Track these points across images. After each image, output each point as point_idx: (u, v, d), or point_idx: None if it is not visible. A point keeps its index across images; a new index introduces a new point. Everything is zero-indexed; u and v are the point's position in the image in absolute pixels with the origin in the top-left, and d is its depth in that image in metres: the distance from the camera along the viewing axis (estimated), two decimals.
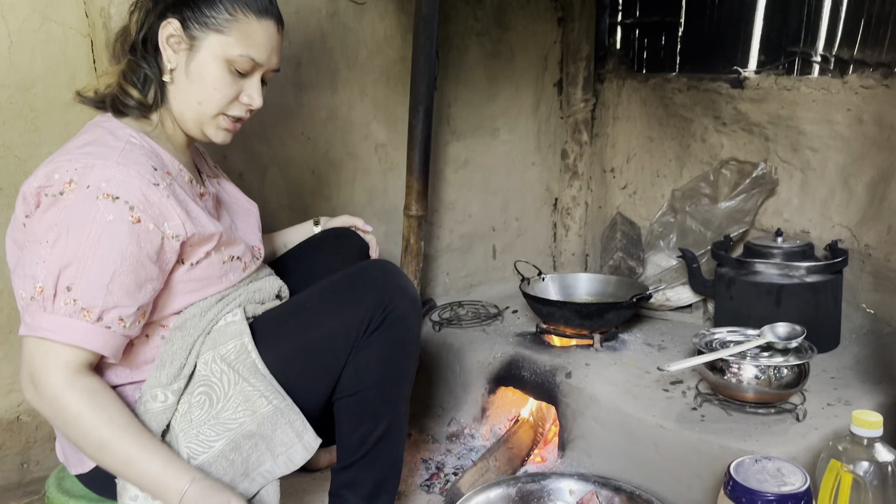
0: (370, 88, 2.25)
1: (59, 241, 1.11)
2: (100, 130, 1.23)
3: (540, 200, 2.79)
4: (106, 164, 1.13)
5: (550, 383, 1.91)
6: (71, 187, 1.12)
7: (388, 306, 1.32)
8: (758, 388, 1.61)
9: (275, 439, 1.26)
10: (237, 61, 1.26)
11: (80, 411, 1.12)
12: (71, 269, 1.11)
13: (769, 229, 2.30)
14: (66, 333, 1.11)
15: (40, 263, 1.11)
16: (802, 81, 2.15)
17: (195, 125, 1.31)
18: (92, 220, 1.11)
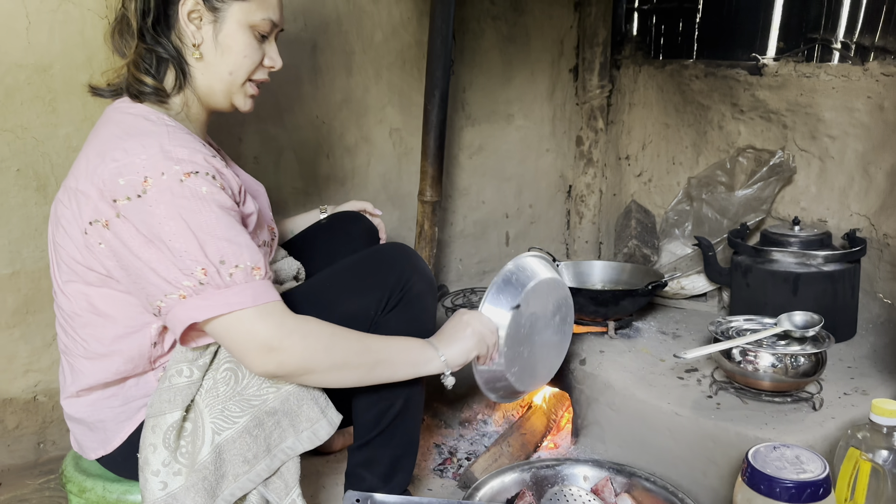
0: (385, 72, 2.24)
1: (180, 229, 1.10)
2: (129, 118, 1.20)
3: (554, 187, 2.78)
4: (164, 149, 1.12)
5: (564, 370, 1.90)
6: (149, 183, 1.10)
7: (406, 286, 1.33)
8: (774, 376, 1.61)
9: (300, 415, 1.26)
10: (260, 25, 1.27)
11: (329, 331, 1.21)
12: (210, 246, 1.11)
13: (786, 218, 2.28)
14: (254, 296, 1.13)
15: (183, 256, 1.10)
16: (822, 68, 2.12)
17: (224, 97, 1.31)
18: (191, 197, 1.11)
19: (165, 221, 1.10)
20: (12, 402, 1.79)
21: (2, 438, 1.79)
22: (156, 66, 1.25)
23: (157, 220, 1.10)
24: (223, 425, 1.23)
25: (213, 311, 1.12)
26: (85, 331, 1.24)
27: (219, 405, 1.23)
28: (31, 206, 1.73)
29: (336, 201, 2.16)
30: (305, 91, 2.08)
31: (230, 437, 1.23)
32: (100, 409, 1.29)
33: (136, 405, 1.28)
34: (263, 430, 1.25)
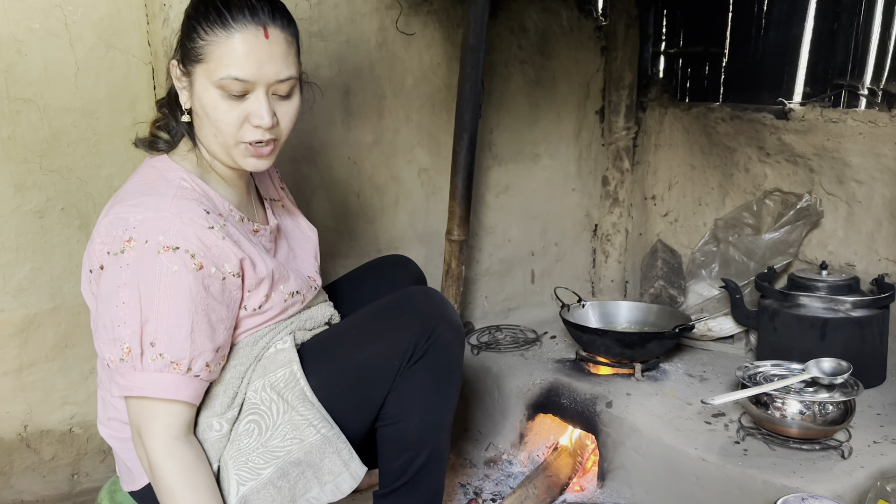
0: (415, 114, 2.30)
1: (132, 300, 1.13)
2: (153, 172, 1.26)
3: (579, 226, 2.80)
4: (159, 216, 1.15)
5: (591, 412, 1.91)
6: (131, 245, 1.14)
7: (432, 335, 1.33)
8: (802, 423, 1.60)
9: (322, 468, 1.28)
10: (225, 85, 1.17)
11: (174, 486, 1.17)
12: (150, 325, 1.14)
13: (813, 261, 2.28)
14: (160, 388, 1.15)
15: (121, 325, 1.14)
16: (849, 114, 2.14)
17: (225, 155, 1.26)
18: (159, 274, 1.13)
19: (124, 288, 1.13)
20: (49, 434, 1.84)
21: (37, 469, 1.83)
22: (167, 128, 1.30)
23: (121, 282, 1.14)
24: (247, 476, 1.25)
25: (124, 391, 1.18)
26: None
27: (242, 457, 1.26)
28: (74, 244, 1.80)
29: (365, 239, 2.21)
30: (338, 133, 2.14)
31: (255, 488, 1.25)
32: (128, 448, 1.32)
33: None
34: (288, 482, 1.27)
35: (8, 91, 1.66)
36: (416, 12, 2.20)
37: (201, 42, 1.18)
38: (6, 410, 1.77)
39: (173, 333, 1.15)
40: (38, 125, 1.71)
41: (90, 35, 1.74)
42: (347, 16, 2.07)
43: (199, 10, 1.19)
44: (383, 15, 2.14)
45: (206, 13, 1.17)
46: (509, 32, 2.44)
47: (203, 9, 1.18)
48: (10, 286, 1.73)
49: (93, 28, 1.74)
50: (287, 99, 1.26)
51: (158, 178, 1.24)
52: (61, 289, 1.80)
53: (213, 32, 1.17)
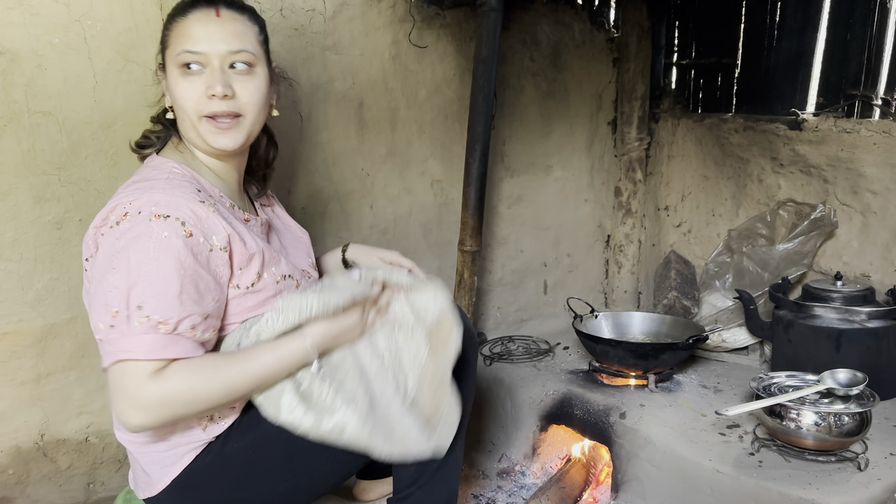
0: (428, 126, 2.31)
1: (121, 264, 1.15)
2: (146, 170, 1.32)
3: (592, 237, 2.80)
4: (152, 194, 1.20)
5: (604, 423, 1.91)
6: (126, 218, 1.18)
7: None
8: (818, 435, 1.59)
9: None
10: (180, 59, 1.28)
11: (189, 385, 1.16)
12: (138, 288, 1.14)
13: (828, 272, 2.27)
14: (145, 349, 1.14)
15: (112, 291, 1.15)
16: (863, 124, 2.13)
17: (197, 137, 1.33)
18: (149, 238, 1.16)
19: (116, 256, 1.16)
20: (65, 443, 1.85)
21: (54, 478, 1.84)
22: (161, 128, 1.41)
23: (114, 251, 1.17)
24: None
25: (108, 358, 1.16)
26: None
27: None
28: None
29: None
30: (352, 145, 2.15)
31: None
32: (146, 451, 1.33)
33: (182, 451, 1.31)
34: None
35: (28, 104, 1.69)
36: (430, 26, 2.23)
37: (167, 32, 1.32)
38: (23, 420, 1.78)
39: (160, 295, 1.15)
40: (58, 138, 1.73)
41: (109, 49, 1.76)
42: (361, 29, 2.09)
43: (176, 7, 1.33)
44: (396, 28, 2.16)
45: (173, 10, 1.33)
46: (522, 45, 2.45)
47: (173, 8, 1.33)
48: (29, 296, 1.75)
49: (111, 42, 1.76)
50: (246, 76, 1.32)
51: (150, 171, 1.31)
52: (79, 299, 1.81)
53: (175, 21, 1.31)
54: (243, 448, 1.30)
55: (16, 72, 1.66)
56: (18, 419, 1.78)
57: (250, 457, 1.30)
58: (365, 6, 2.08)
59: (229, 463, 1.30)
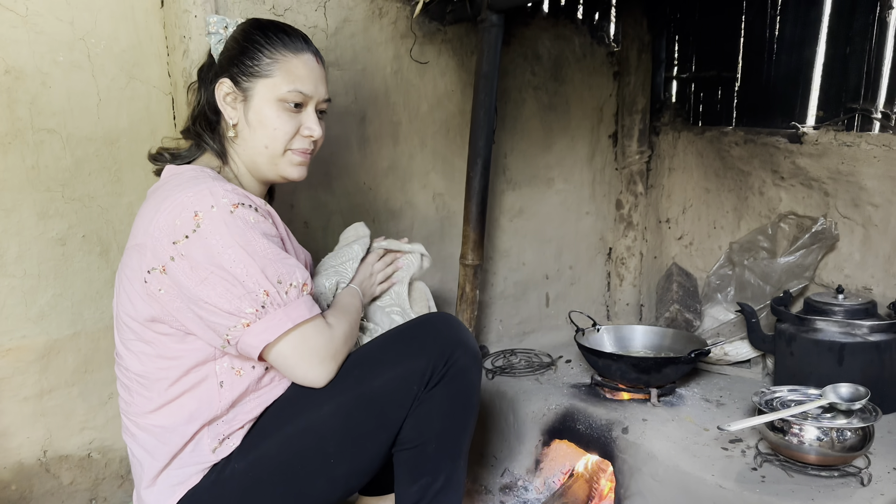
0: (430, 140, 2.32)
1: (239, 256, 1.20)
2: (179, 177, 1.31)
3: (594, 249, 2.81)
4: (210, 186, 1.23)
5: (606, 438, 1.90)
6: (199, 217, 1.20)
7: (450, 360, 1.35)
8: (820, 450, 1.59)
9: None
10: (288, 97, 1.35)
11: (345, 328, 1.37)
12: (269, 268, 1.22)
13: (829, 285, 2.27)
14: (307, 308, 1.27)
15: (245, 280, 1.20)
16: (863, 137, 2.14)
17: (270, 168, 1.40)
18: (243, 228, 1.22)
19: (224, 250, 1.19)
20: (68, 459, 1.85)
21: (56, 494, 1.84)
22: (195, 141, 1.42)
23: (217, 250, 1.19)
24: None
25: (280, 329, 1.23)
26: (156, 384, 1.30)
27: None
28: (94, 271, 1.82)
29: None
30: (354, 159, 2.16)
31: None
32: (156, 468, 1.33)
33: (189, 471, 1.32)
34: None
35: (32, 121, 1.70)
36: (431, 41, 2.24)
37: (268, 60, 1.34)
38: (26, 435, 1.79)
39: (287, 266, 1.26)
40: (61, 154, 1.75)
41: (112, 67, 1.78)
42: (363, 45, 2.10)
43: (261, 34, 1.36)
44: (398, 44, 2.17)
45: (270, 38, 1.36)
46: (523, 59, 2.47)
47: (266, 34, 1.36)
48: (32, 312, 1.76)
49: (115, 60, 1.78)
50: (323, 116, 1.45)
51: (188, 171, 1.32)
52: (82, 314, 1.82)
53: (280, 53, 1.35)
54: (244, 469, 1.30)
55: (20, 89, 1.68)
56: (21, 435, 1.79)
57: (251, 478, 1.30)
58: (367, 22, 2.10)
59: (231, 484, 1.30)
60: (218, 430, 1.32)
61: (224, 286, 1.20)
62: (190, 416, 1.30)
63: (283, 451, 1.30)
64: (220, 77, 1.36)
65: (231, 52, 1.37)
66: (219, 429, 1.32)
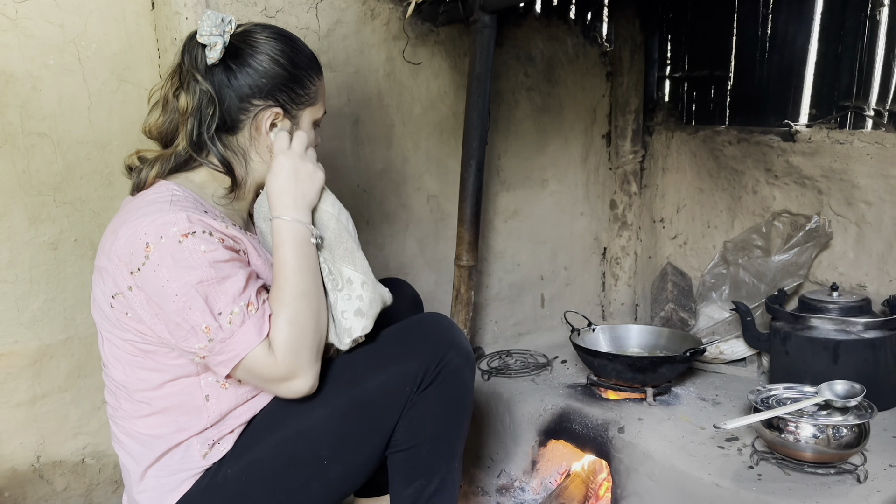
0: (423, 142, 2.32)
1: (182, 290, 1.17)
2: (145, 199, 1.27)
3: (588, 250, 2.81)
4: (163, 213, 1.19)
5: (602, 438, 1.90)
6: (150, 249, 1.18)
7: (442, 361, 1.34)
8: (816, 447, 1.59)
9: None
10: (319, 119, 1.43)
11: (288, 327, 1.24)
12: (210, 300, 1.18)
13: (824, 283, 2.27)
14: (253, 335, 1.21)
15: (188, 312, 1.17)
16: (855, 135, 2.14)
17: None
18: (191, 258, 1.18)
19: (168, 285, 1.17)
20: (61, 465, 1.84)
21: (50, 500, 1.83)
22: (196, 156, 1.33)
23: (161, 284, 1.17)
24: None
25: (230, 364, 1.21)
26: (139, 394, 1.30)
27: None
28: (86, 275, 1.81)
29: (375, 266, 2.20)
30: (348, 162, 2.16)
31: None
32: (145, 477, 1.32)
33: (181, 477, 1.31)
34: None
35: (23, 125, 1.69)
36: (424, 42, 2.24)
37: (313, 88, 1.38)
38: (19, 441, 1.78)
39: (230, 290, 1.20)
40: (52, 158, 1.74)
41: (103, 70, 1.77)
42: (356, 47, 2.10)
43: (305, 62, 1.36)
44: (391, 46, 2.17)
45: (310, 65, 1.38)
46: (515, 60, 2.47)
47: (309, 62, 1.38)
48: (24, 317, 1.75)
49: (106, 63, 1.77)
50: None
51: (151, 195, 1.28)
52: (74, 319, 1.81)
53: (318, 78, 1.39)
54: (237, 473, 1.29)
55: (10, 93, 1.67)
56: (14, 441, 1.77)
57: (244, 482, 1.30)
58: (359, 24, 2.09)
59: (224, 489, 1.29)
60: (207, 436, 1.31)
61: (173, 322, 1.19)
62: (178, 427, 1.29)
63: (276, 455, 1.30)
64: (262, 100, 1.31)
65: (276, 77, 1.31)
66: (208, 434, 1.31)
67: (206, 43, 1.27)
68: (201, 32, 1.27)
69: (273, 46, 1.32)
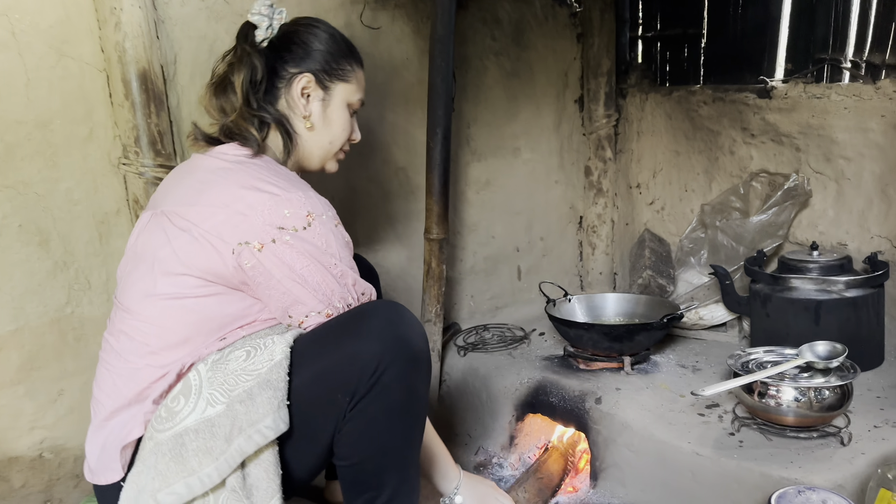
0: (389, 113, 2.23)
1: (339, 266, 1.28)
2: (267, 168, 1.33)
3: (565, 219, 2.74)
4: (317, 194, 1.32)
5: (580, 409, 1.85)
6: (312, 217, 1.26)
7: (380, 366, 1.19)
8: (798, 410, 1.54)
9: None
10: (355, 104, 1.52)
11: None
12: (359, 285, 1.33)
13: (804, 243, 2.22)
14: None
15: (340, 286, 1.29)
16: (833, 89, 2.08)
17: (320, 161, 1.52)
18: (343, 244, 1.31)
19: (328, 250, 1.27)
20: (18, 461, 1.76)
21: (8, 498, 1.76)
22: (258, 125, 1.40)
23: (323, 249, 1.26)
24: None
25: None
26: (166, 323, 1.28)
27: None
28: (34, 262, 1.72)
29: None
30: None
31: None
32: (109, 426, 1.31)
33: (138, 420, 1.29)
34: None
35: None
36: (384, 6, 2.14)
37: (349, 69, 1.49)
38: None
39: (364, 282, 1.35)
40: None
41: (40, 44, 1.67)
42: (311, 12, 1.98)
43: (345, 43, 1.51)
44: (349, 10, 2.07)
45: (350, 52, 1.51)
46: (482, 24, 2.38)
47: (349, 49, 1.51)
48: None
49: (42, 36, 1.67)
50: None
51: (284, 172, 1.35)
52: (24, 309, 1.72)
53: (358, 65, 1.52)
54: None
55: None
56: None
57: None
58: None
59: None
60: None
61: (323, 278, 1.27)
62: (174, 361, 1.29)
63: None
64: (296, 70, 1.42)
65: (314, 51, 1.44)
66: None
67: (256, 23, 1.42)
68: (251, 12, 1.43)
69: (316, 32, 1.46)
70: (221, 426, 1.20)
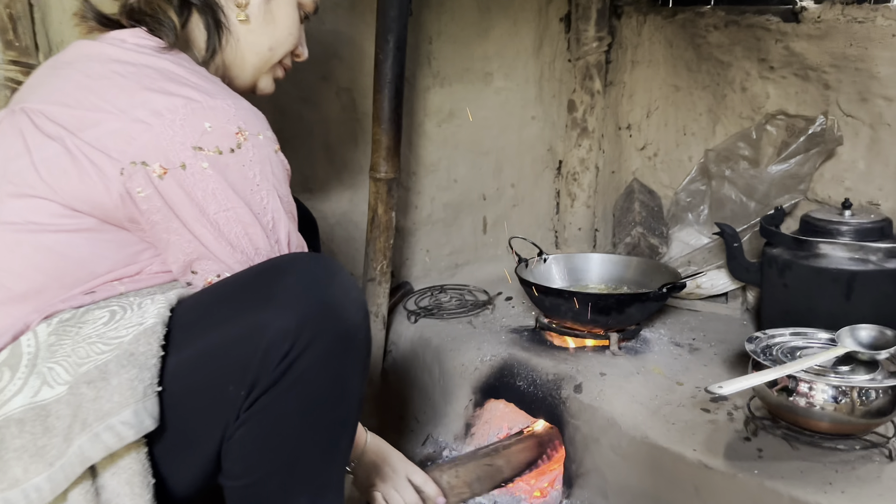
0: (330, 16, 1.82)
1: (271, 205, 0.99)
2: (181, 67, 1.00)
3: (541, 163, 2.36)
4: (252, 108, 1.00)
5: (555, 398, 1.49)
6: (242, 136, 0.95)
7: (296, 346, 0.87)
8: (836, 415, 1.20)
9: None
10: (308, 5, 1.19)
11: None
12: (294, 232, 1.04)
13: (825, 200, 1.90)
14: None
15: (264, 231, 0.98)
16: (879, 11, 1.72)
17: (254, 73, 1.17)
18: (283, 176, 1.02)
19: (259, 192, 0.97)
20: None
21: None
22: (178, 6, 1.06)
23: (252, 184, 0.97)
24: None
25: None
26: (10, 265, 0.95)
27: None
28: None
29: None
30: None
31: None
32: None
33: None
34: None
35: None
36: None
37: None
38: None
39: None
40: None
41: None
42: None
43: None
44: None
45: None
46: None
47: None
48: None
49: None
50: None
51: (203, 72, 1.03)
52: None
53: None
54: None
55: None
56: None
57: None
58: None
59: None
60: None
61: (241, 228, 0.97)
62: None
63: None
64: None
65: None
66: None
67: None
68: None
69: None
70: (60, 417, 0.84)
